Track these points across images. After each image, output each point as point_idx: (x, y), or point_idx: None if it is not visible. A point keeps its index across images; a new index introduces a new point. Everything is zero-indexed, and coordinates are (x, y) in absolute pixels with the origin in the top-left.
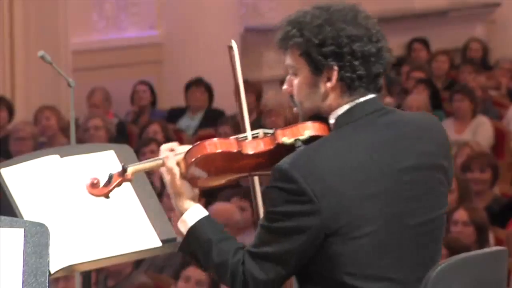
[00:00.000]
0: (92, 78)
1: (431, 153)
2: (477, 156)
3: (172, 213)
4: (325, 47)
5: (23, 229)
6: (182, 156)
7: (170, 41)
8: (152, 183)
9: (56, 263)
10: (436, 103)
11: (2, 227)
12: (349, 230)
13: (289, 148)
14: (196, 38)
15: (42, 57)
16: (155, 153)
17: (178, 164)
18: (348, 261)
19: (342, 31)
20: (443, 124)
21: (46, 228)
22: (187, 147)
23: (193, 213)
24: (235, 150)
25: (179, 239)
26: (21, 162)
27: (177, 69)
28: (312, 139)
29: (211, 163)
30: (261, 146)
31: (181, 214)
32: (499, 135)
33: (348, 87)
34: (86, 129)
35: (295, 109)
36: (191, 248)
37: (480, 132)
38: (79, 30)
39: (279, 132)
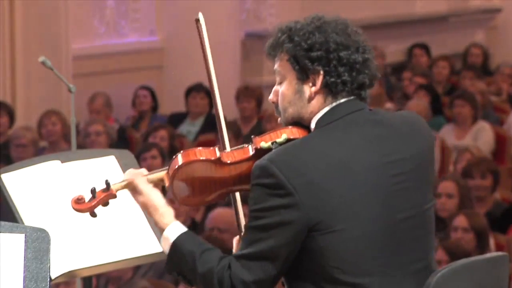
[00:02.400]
0: (93, 84)
1: (417, 149)
2: (477, 162)
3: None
4: (313, 51)
5: (23, 235)
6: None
7: (170, 46)
8: None
9: (57, 268)
10: (437, 109)
11: (3, 232)
12: (331, 224)
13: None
14: (197, 44)
15: (43, 63)
16: (156, 158)
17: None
18: (332, 255)
19: (330, 38)
20: (443, 129)
21: (47, 233)
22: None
23: (173, 229)
24: (213, 158)
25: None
26: (22, 167)
27: (177, 75)
28: (289, 141)
29: (192, 175)
30: (240, 154)
31: (162, 231)
32: (500, 141)
33: (332, 92)
34: (87, 135)
35: (279, 119)
36: (176, 264)
37: (481, 137)
38: (80, 36)
39: (257, 138)
